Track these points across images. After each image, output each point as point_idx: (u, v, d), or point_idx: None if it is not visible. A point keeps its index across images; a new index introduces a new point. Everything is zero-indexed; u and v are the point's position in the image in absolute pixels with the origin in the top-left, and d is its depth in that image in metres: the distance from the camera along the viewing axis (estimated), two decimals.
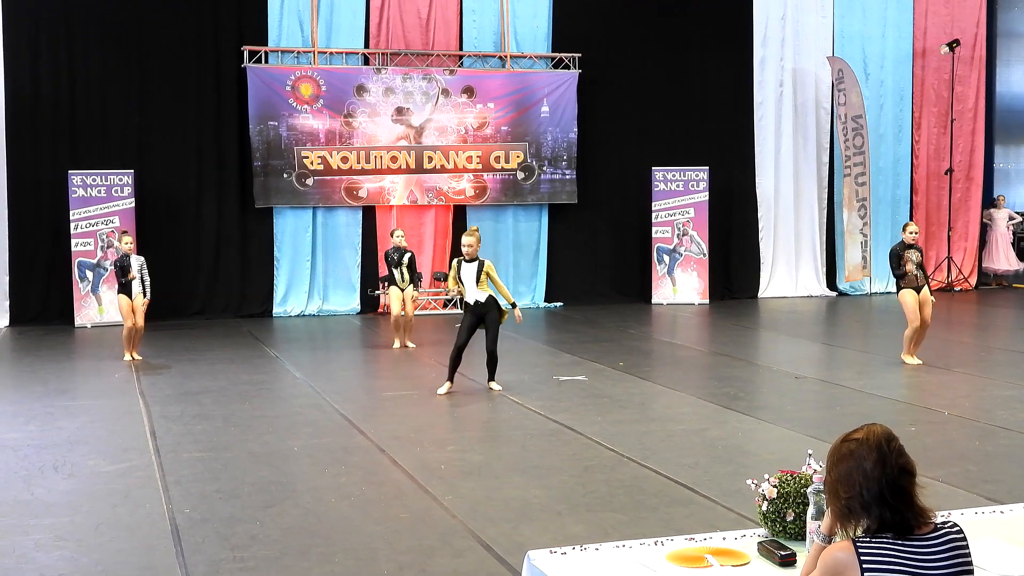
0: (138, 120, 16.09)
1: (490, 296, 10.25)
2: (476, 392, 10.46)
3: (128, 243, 12.59)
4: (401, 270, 13.54)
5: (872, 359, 12.56)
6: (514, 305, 10.47)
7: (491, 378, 10.48)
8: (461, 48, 17.34)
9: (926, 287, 11.79)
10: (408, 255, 13.63)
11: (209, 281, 16.51)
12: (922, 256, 11.90)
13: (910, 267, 11.60)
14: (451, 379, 10.39)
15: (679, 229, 17.95)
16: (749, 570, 3.51)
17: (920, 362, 11.76)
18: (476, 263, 10.25)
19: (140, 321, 12.50)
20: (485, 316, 10.24)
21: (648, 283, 18.11)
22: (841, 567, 2.90)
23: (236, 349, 13.38)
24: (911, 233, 11.74)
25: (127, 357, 12.49)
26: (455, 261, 10.46)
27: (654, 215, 17.95)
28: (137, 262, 12.52)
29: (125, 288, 12.41)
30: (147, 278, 12.58)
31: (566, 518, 6.44)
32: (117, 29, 15.93)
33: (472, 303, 10.27)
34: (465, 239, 10.38)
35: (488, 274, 10.25)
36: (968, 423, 8.93)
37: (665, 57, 18.14)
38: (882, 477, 2.92)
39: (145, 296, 12.54)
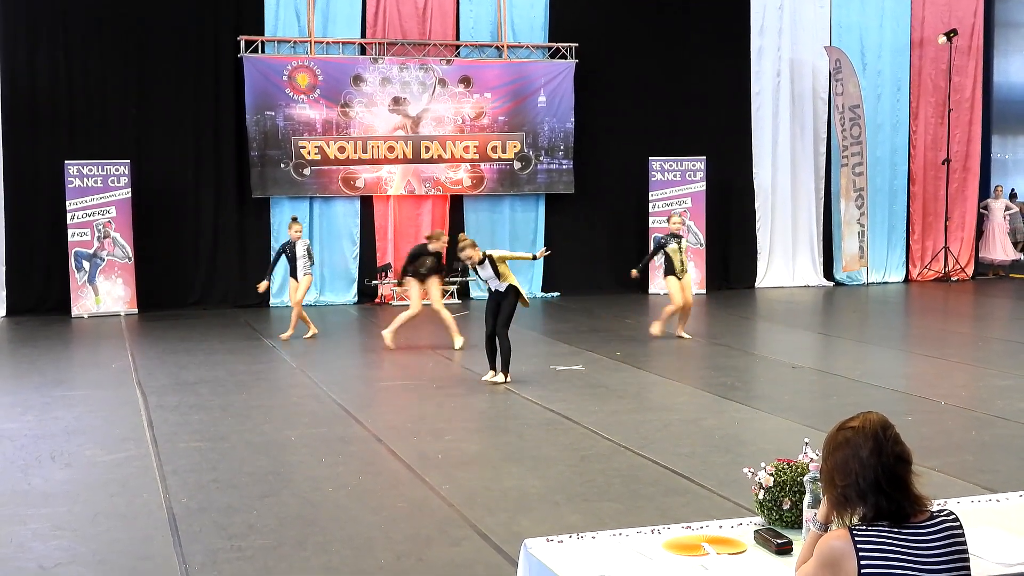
0: (135, 110, 16.06)
1: (510, 285, 10.34)
2: (473, 382, 10.46)
3: (297, 231, 13.38)
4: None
5: (869, 349, 12.58)
6: (534, 257, 11.55)
7: (493, 366, 10.45)
8: (458, 38, 17.31)
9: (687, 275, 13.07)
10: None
11: (206, 271, 16.50)
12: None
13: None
14: (493, 367, 10.44)
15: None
16: (745, 558, 3.51)
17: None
18: (487, 261, 10.33)
19: (295, 299, 13.35)
20: (502, 301, 10.34)
21: (645, 273, 18.08)
22: (837, 555, 2.91)
23: (233, 339, 13.37)
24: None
25: (287, 333, 13.33)
26: (463, 266, 10.74)
27: (651, 205, 17.94)
28: (303, 247, 13.39)
29: (292, 272, 13.50)
30: (311, 259, 13.54)
31: (563, 507, 6.45)
32: (114, 19, 15.88)
33: (493, 291, 10.44)
34: (463, 253, 10.37)
35: (502, 262, 10.32)
36: (965, 412, 8.95)
37: (662, 47, 18.10)
38: (878, 465, 2.92)
39: (303, 276, 13.38)
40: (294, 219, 13.88)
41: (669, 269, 13.15)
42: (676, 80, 18.18)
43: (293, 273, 13.49)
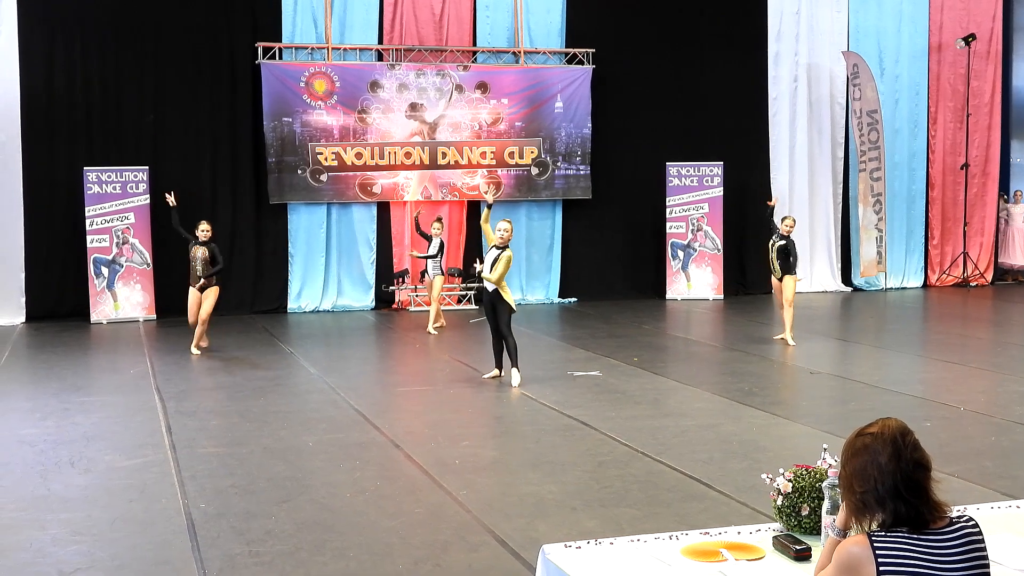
0: (153, 117, 16.13)
1: (496, 289, 10.43)
2: (490, 387, 10.47)
3: (436, 231, 14.70)
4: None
5: (887, 354, 12.52)
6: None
7: (513, 364, 10.49)
8: (475, 44, 17.33)
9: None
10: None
11: (223, 277, 16.51)
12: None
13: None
14: (498, 366, 10.69)
15: (693, 224, 17.92)
16: (764, 564, 3.51)
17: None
18: (498, 251, 10.43)
19: (431, 295, 14.60)
20: (496, 304, 10.47)
21: (662, 279, 18.09)
22: (856, 561, 2.90)
23: (251, 345, 13.41)
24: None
25: (430, 329, 14.17)
26: (480, 271, 10.84)
27: (668, 211, 17.93)
28: (435, 247, 14.57)
29: (426, 268, 14.90)
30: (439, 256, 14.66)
31: (580, 513, 6.44)
32: (132, 26, 15.97)
33: (488, 288, 10.57)
34: (502, 224, 10.56)
35: (501, 262, 10.33)
36: (984, 419, 8.90)
37: (679, 52, 18.09)
38: (897, 471, 2.91)
39: (434, 275, 14.61)
40: (438, 219, 15.07)
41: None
42: (693, 85, 18.17)
43: (427, 269, 14.78)
